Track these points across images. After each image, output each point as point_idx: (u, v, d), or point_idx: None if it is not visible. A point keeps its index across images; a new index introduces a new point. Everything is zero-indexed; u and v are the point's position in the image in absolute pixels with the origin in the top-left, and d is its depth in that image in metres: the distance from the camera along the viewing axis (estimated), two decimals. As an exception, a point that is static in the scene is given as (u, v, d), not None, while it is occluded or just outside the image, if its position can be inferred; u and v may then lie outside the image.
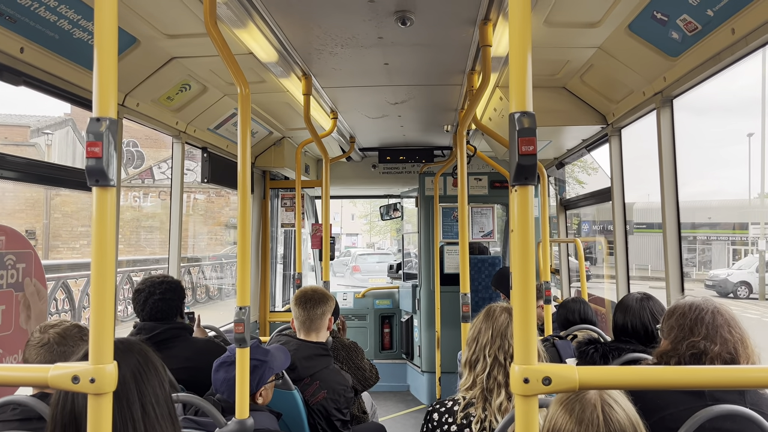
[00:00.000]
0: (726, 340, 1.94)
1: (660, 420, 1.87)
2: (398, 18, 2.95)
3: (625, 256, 4.20)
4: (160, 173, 21.71)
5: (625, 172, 4.21)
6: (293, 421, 2.87)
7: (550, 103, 4.21)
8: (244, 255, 2.35)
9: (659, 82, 3.21)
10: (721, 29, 2.51)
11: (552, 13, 2.96)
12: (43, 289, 3.01)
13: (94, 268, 1.29)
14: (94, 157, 1.26)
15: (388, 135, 6.34)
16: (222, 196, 21.94)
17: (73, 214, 19.46)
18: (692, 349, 1.96)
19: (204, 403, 2.16)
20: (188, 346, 3.05)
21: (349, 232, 48.88)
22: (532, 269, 1.22)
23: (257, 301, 6.52)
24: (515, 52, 1.25)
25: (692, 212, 26.83)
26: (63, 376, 1.26)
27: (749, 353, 1.95)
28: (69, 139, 20.03)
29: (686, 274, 17.16)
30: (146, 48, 3.22)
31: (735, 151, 43.52)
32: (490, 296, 6.61)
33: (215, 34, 2.35)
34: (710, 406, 1.67)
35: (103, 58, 1.30)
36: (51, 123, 19.21)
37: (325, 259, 4.49)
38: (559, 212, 6.11)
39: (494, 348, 2.16)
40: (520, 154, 1.20)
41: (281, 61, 3.44)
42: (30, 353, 2.12)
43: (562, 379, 1.18)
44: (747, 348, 1.95)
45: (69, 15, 2.62)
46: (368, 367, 3.72)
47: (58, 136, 19.42)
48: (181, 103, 4.00)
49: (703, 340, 1.96)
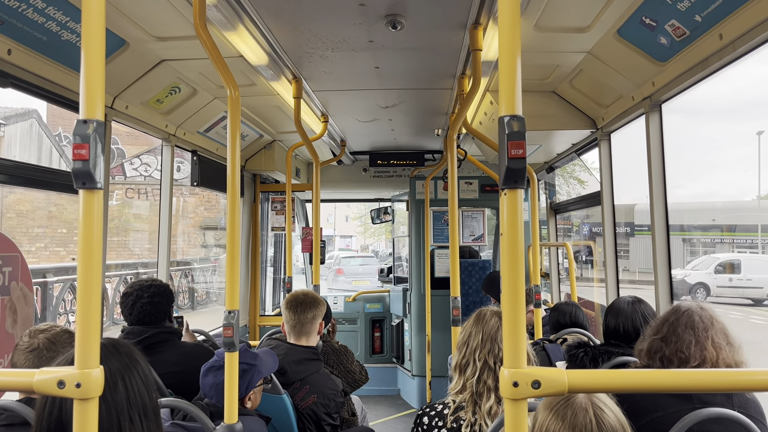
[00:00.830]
0: (680, 338, 1.97)
1: (649, 423, 1.88)
2: (389, 22, 2.95)
3: (614, 259, 4.22)
4: (132, 170, 20.40)
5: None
6: (283, 426, 2.85)
7: (540, 107, 4.23)
8: (234, 258, 2.34)
9: (648, 87, 3.23)
10: (709, 34, 2.53)
11: (542, 18, 2.97)
12: (30, 293, 2.98)
13: (81, 272, 1.28)
14: (81, 159, 1.25)
15: (379, 139, 6.35)
16: (195, 195, 20.41)
17: (29, 214, 17.33)
18: (650, 347, 2.01)
19: (192, 408, 2.14)
20: (177, 350, 3.02)
21: (343, 234, 48.27)
22: (521, 272, 1.22)
23: (247, 305, 6.49)
24: (505, 56, 1.25)
25: (697, 214, 26.59)
26: (48, 381, 1.24)
27: (729, 360, 1.95)
28: (33, 133, 18.11)
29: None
30: (135, 50, 3.20)
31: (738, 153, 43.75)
32: (480, 300, 6.62)
33: (205, 36, 2.34)
34: (698, 409, 1.68)
35: (90, 59, 1.30)
36: (11, 114, 16.83)
37: (315, 262, 4.48)
38: (549, 216, 6.13)
39: (484, 352, 2.16)
40: (509, 157, 1.21)
41: (271, 64, 3.43)
42: (18, 358, 2.09)
43: (552, 382, 1.18)
44: (723, 353, 1.95)
45: (57, 17, 2.60)
46: (358, 369, 3.73)
47: (20, 129, 17.47)
48: (170, 106, 3.98)
49: (660, 339, 2.00)
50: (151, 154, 20.10)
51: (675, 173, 37.14)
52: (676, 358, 1.97)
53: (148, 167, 20.42)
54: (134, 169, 20.46)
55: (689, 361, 1.94)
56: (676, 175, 39.13)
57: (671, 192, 3.26)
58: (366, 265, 23.60)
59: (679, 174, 36.64)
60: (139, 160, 20.45)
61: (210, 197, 20.54)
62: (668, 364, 1.98)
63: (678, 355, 1.97)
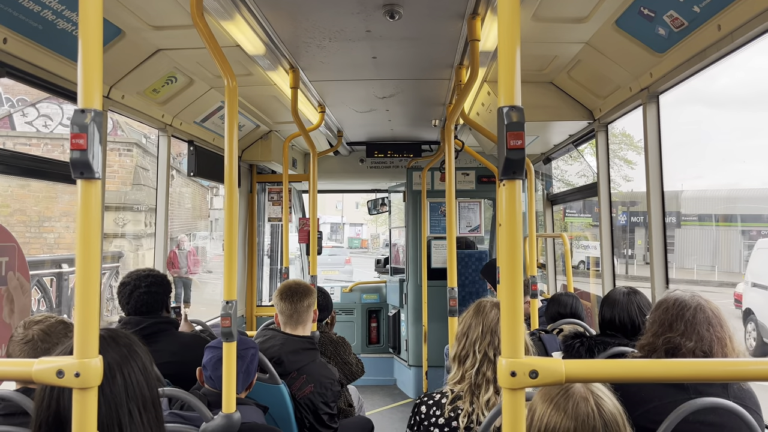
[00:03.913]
0: (702, 337, 1.97)
1: (644, 413, 1.89)
2: (386, 11, 2.94)
3: (611, 250, 4.23)
4: (24, 122, 14.41)
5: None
6: (280, 415, 2.87)
7: (538, 98, 4.22)
8: (231, 249, 2.34)
9: (646, 78, 3.23)
10: (707, 25, 2.53)
11: (540, 8, 2.96)
12: (27, 283, 2.98)
13: (79, 262, 1.28)
14: (78, 149, 1.24)
15: (376, 129, 6.33)
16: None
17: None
18: (667, 344, 2.00)
19: (190, 398, 2.15)
20: (174, 340, 3.03)
21: (353, 222, 45.24)
22: (519, 263, 1.22)
23: (243, 296, 6.50)
24: (504, 46, 1.25)
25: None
26: (47, 371, 1.24)
27: (728, 352, 1.96)
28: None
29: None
30: (131, 39, 3.18)
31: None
32: (477, 290, 6.64)
33: (202, 25, 2.33)
34: (694, 399, 1.69)
35: (87, 48, 1.29)
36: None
37: (312, 253, 4.48)
38: (545, 207, 6.14)
39: (484, 344, 2.16)
40: (508, 148, 1.21)
41: (269, 53, 3.41)
42: (14, 349, 2.09)
43: (549, 372, 1.18)
44: (726, 347, 1.97)
45: (52, 5, 2.58)
46: (355, 362, 3.74)
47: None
48: (167, 96, 3.96)
49: (679, 336, 1.98)
50: (52, 102, 14.07)
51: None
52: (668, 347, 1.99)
53: (49, 121, 14.55)
54: (28, 123, 14.51)
55: (680, 348, 1.96)
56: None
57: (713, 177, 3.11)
58: (335, 255, 24.00)
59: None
60: (35, 110, 14.59)
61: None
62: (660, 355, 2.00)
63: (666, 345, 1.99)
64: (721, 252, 23.43)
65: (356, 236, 42.11)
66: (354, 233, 43.50)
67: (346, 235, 42.34)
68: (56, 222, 13.28)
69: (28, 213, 13.07)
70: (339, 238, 42.22)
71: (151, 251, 4.86)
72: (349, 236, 42.17)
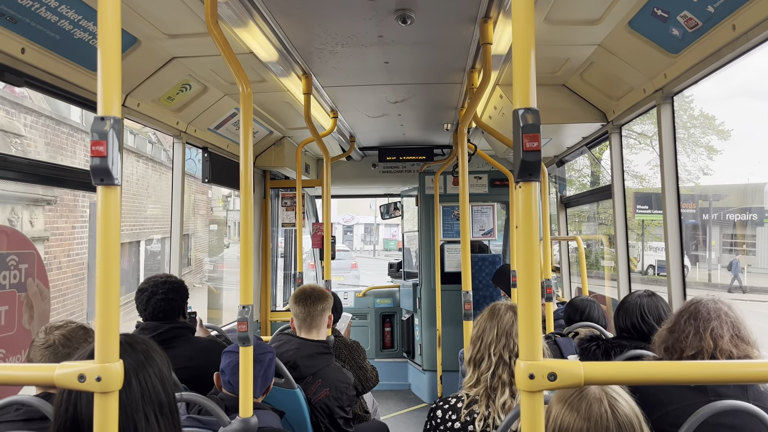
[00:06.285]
0: (701, 337, 1.95)
1: (663, 416, 1.88)
2: (398, 16, 2.95)
3: (625, 253, 4.20)
4: None
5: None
6: (296, 420, 2.87)
7: (550, 100, 4.21)
8: (247, 254, 2.36)
9: (660, 79, 3.21)
10: (722, 25, 2.51)
11: (552, 11, 2.96)
12: (46, 289, 3.02)
13: (100, 267, 1.29)
14: (99, 156, 1.26)
15: (388, 134, 6.35)
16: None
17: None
18: (684, 347, 1.99)
19: (208, 402, 2.16)
20: (191, 345, 3.05)
21: (388, 223, 41.27)
22: (536, 265, 1.23)
23: (258, 301, 6.53)
24: (518, 49, 1.25)
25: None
26: (69, 375, 1.26)
27: (729, 350, 1.95)
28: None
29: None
30: (147, 48, 3.22)
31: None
32: (490, 294, 6.62)
33: (216, 33, 2.35)
34: (713, 402, 1.68)
35: (106, 58, 1.31)
36: None
37: (326, 258, 4.49)
38: (559, 210, 6.12)
39: (499, 347, 2.16)
40: (524, 150, 1.21)
41: (282, 60, 3.44)
42: (35, 354, 2.11)
43: (568, 374, 1.18)
44: (722, 343, 1.95)
45: (70, 15, 2.62)
46: (370, 368, 3.73)
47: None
48: (181, 103, 4.00)
49: (698, 340, 1.97)
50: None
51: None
52: (676, 349, 1.98)
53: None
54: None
55: (685, 350, 1.95)
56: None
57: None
58: (340, 260, 22.59)
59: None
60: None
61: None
62: (672, 355, 1.99)
63: (677, 345, 1.98)
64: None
65: (392, 237, 36.67)
66: (390, 234, 38.31)
67: (381, 236, 39.41)
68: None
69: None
70: (373, 239, 40.04)
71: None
72: (384, 237, 38.86)
